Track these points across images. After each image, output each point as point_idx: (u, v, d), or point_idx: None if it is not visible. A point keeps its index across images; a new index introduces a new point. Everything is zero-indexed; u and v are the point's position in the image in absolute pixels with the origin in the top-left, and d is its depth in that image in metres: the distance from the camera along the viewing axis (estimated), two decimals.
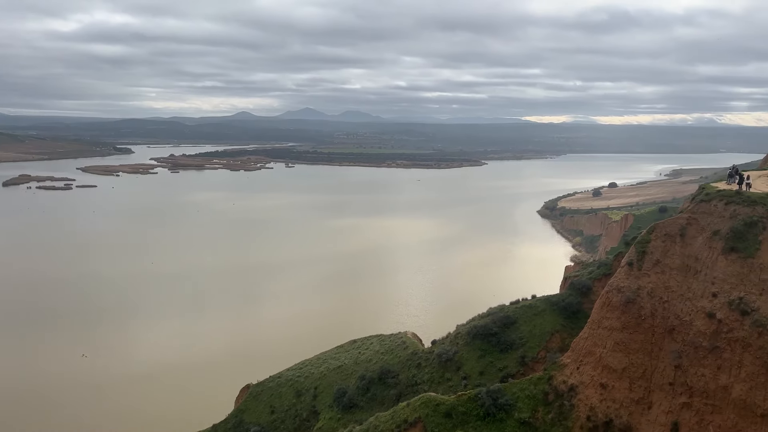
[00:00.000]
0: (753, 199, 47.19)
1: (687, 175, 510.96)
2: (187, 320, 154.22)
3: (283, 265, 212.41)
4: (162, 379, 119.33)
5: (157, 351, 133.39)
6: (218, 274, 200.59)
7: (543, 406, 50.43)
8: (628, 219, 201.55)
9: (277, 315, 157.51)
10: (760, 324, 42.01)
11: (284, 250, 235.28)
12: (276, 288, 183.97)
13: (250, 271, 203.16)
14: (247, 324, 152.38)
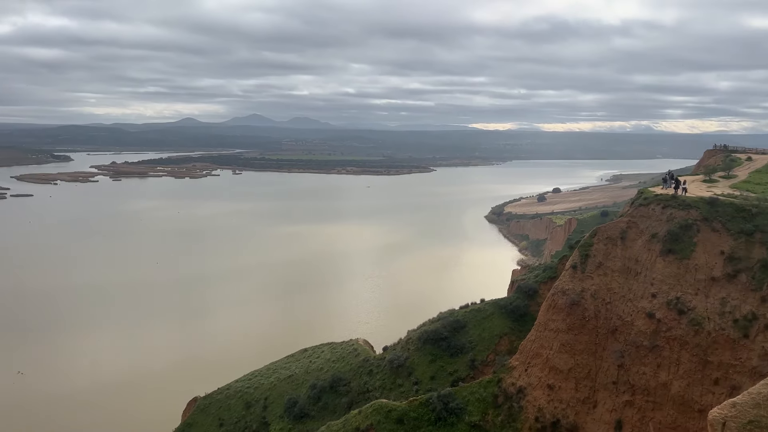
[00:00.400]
0: (688, 202, 49.43)
1: (626, 180, 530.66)
2: (131, 333, 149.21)
3: (230, 274, 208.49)
4: (105, 394, 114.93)
5: (99, 366, 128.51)
6: (162, 284, 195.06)
7: (493, 408, 51.19)
8: (571, 223, 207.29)
9: (225, 325, 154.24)
10: (696, 323, 43.95)
11: (232, 259, 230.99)
12: (223, 298, 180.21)
13: (195, 281, 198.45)
14: (194, 335, 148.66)
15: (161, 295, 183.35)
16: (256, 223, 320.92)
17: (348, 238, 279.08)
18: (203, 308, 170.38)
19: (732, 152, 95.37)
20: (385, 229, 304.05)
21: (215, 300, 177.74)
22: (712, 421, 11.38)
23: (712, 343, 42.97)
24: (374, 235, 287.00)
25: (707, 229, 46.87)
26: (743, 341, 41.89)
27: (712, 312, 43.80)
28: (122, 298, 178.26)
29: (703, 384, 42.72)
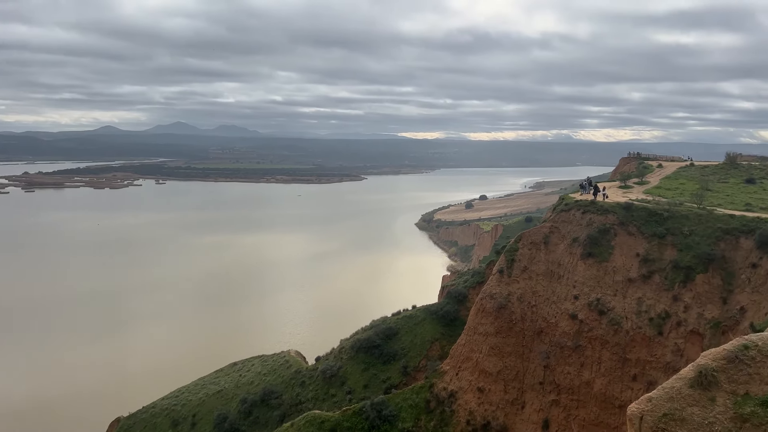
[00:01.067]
0: (606, 208, 51.96)
1: (549, 187, 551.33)
2: (48, 351, 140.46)
3: (153, 286, 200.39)
4: (18, 418, 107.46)
5: (11, 387, 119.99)
6: (81, 299, 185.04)
7: (425, 414, 51.68)
8: (498, 229, 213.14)
9: (148, 341, 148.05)
10: (615, 322, 46.15)
11: (155, 271, 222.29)
12: (146, 311, 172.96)
13: (117, 295, 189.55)
14: (115, 352, 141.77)
15: (78, 310, 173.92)
16: (181, 233, 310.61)
17: (278, 248, 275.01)
18: (124, 323, 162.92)
19: (645, 160, 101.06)
20: (316, 238, 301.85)
21: (137, 314, 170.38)
22: (630, 416, 11.94)
23: (630, 341, 45.26)
24: (305, 244, 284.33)
25: (624, 232, 49.43)
26: (658, 338, 44.37)
27: (629, 311, 46.16)
28: (35, 313, 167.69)
29: (623, 381, 44.88)
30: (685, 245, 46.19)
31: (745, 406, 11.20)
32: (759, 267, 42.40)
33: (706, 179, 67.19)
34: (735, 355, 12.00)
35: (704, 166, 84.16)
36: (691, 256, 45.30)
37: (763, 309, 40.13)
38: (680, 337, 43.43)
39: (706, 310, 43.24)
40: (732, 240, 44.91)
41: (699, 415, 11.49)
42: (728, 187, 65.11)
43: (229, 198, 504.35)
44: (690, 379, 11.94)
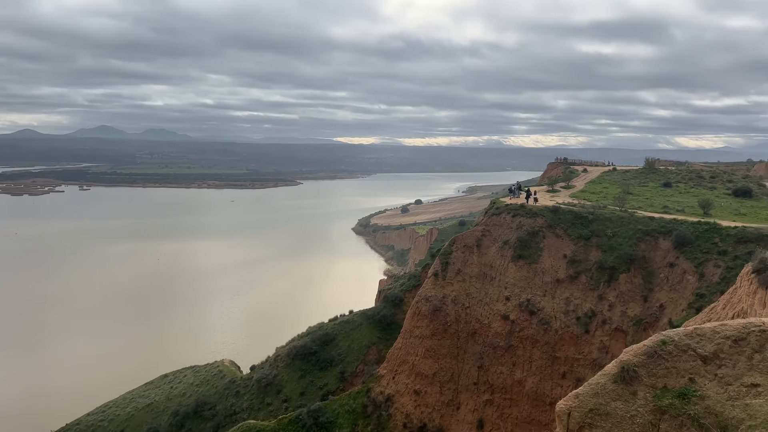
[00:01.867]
0: (534, 211, 53.71)
1: (481, 191, 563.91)
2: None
3: (74, 298, 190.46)
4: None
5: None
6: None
7: (362, 419, 51.63)
8: (433, 233, 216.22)
9: (71, 354, 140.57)
10: (544, 322, 47.71)
11: (77, 282, 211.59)
12: (68, 324, 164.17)
13: (33, 308, 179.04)
14: (36, 367, 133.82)
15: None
16: (106, 241, 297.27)
17: (210, 255, 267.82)
18: (42, 337, 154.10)
19: (571, 164, 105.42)
20: (250, 244, 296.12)
21: (57, 327, 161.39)
22: (558, 412, 12.33)
23: (558, 340, 46.90)
24: (238, 251, 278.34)
25: (552, 235, 51.23)
26: (585, 336, 46.21)
27: (558, 311, 47.85)
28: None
29: (553, 378, 46.43)
30: (608, 246, 48.38)
31: (663, 398, 11.77)
32: (676, 266, 44.95)
33: (627, 183, 70.70)
34: (654, 350, 12.59)
35: (626, 170, 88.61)
36: (614, 257, 47.49)
37: (680, 306, 42.56)
38: (605, 335, 45.40)
39: (629, 308, 45.42)
40: (651, 241, 47.40)
41: (622, 408, 11.99)
42: (648, 190, 68.77)
43: (157, 204, 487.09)
44: (613, 375, 12.46)
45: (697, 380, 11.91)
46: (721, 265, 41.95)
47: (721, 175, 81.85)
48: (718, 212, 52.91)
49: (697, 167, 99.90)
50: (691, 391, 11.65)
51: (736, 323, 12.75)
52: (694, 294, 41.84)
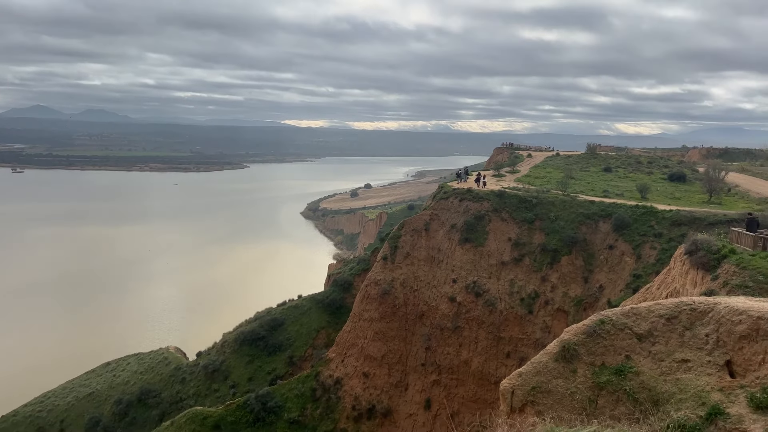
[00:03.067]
0: (481, 195, 54.61)
1: (429, 175, 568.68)
2: None
3: (3, 286, 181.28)
4: None
5: None
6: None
7: (311, 402, 51.73)
8: (382, 217, 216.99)
9: (3, 345, 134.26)
10: (490, 303, 48.80)
11: (4, 268, 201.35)
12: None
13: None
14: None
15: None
16: (39, 226, 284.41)
17: (152, 241, 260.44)
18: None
19: (516, 150, 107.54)
20: (195, 229, 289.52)
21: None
22: (502, 390, 12.67)
23: (503, 320, 48.12)
24: (183, 236, 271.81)
25: (497, 219, 52.27)
26: (528, 317, 47.57)
27: (503, 293, 49.02)
28: None
29: (498, 358, 47.67)
30: (551, 230, 49.78)
31: (601, 375, 12.23)
32: (615, 248, 46.72)
33: (570, 168, 72.72)
34: (593, 329, 13.04)
35: (568, 156, 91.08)
36: (557, 240, 48.92)
37: (618, 286, 44.34)
38: (548, 315, 46.87)
39: (570, 289, 46.99)
40: (592, 224, 49.05)
41: (563, 386, 12.39)
42: (589, 175, 70.96)
43: (97, 187, 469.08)
44: (555, 354, 12.85)
45: (632, 357, 12.46)
46: (657, 246, 43.87)
47: (657, 161, 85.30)
48: (654, 196, 55.18)
49: (635, 153, 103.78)
50: (627, 367, 12.19)
51: (669, 302, 13.37)
52: (632, 275, 43.66)
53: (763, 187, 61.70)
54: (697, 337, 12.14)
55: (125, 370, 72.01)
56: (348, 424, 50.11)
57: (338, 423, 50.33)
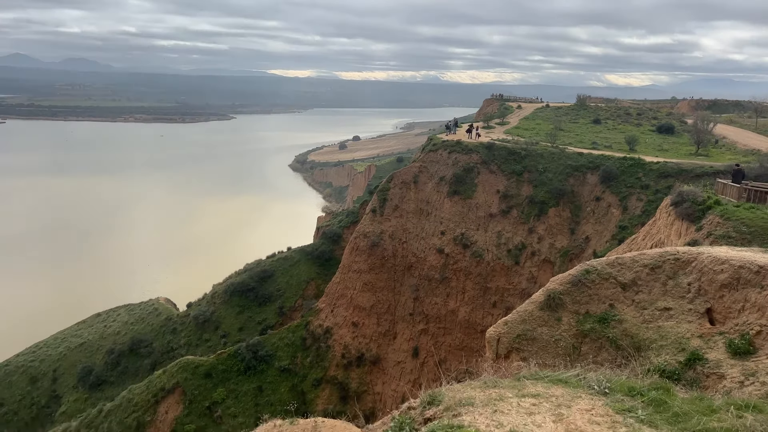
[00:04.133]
0: (470, 148, 54.40)
1: (419, 127, 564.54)
2: None
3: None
4: None
5: None
6: None
7: (302, 351, 52.69)
8: (371, 170, 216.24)
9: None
10: (477, 255, 49.34)
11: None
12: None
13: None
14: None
15: None
16: (24, 178, 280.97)
17: (138, 192, 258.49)
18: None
19: (506, 101, 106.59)
20: (182, 181, 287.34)
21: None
22: (488, 338, 12.94)
23: (490, 271, 48.78)
24: (170, 188, 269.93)
25: (486, 171, 52.27)
26: (515, 268, 48.24)
27: (490, 244, 49.52)
28: None
29: (484, 308, 48.55)
30: (540, 182, 49.94)
31: (585, 323, 12.49)
32: (602, 200, 47.07)
33: (559, 120, 72.42)
34: (578, 279, 13.25)
35: (558, 107, 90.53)
36: (544, 192, 49.14)
37: (604, 237, 44.90)
38: (534, 266, 47.54)
39: (557, 240, 47.53)
40: (580, 176, 49.23)
41: (547, 333, 12.66)
42: (578, 127, 70.77)
43: (80, 139, 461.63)
44: (540, 303, 13.07)
45: (616, 306, 12.73)
46: (644, 198, 44.25)
47: (647, 113, 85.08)
48: (642, 148, 55.28)
49: (625, 105, 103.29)
50: (611, 315, 12.47)
51: (653, 252, 13.58)
52: (618, 226, 44.16)
53: (750, 138, 61.94)
54: (680, 285, 12.39)
55: (116, 321, 72.65)
56: (338, 372, 51.25)
57: (328, 370, 51.45)
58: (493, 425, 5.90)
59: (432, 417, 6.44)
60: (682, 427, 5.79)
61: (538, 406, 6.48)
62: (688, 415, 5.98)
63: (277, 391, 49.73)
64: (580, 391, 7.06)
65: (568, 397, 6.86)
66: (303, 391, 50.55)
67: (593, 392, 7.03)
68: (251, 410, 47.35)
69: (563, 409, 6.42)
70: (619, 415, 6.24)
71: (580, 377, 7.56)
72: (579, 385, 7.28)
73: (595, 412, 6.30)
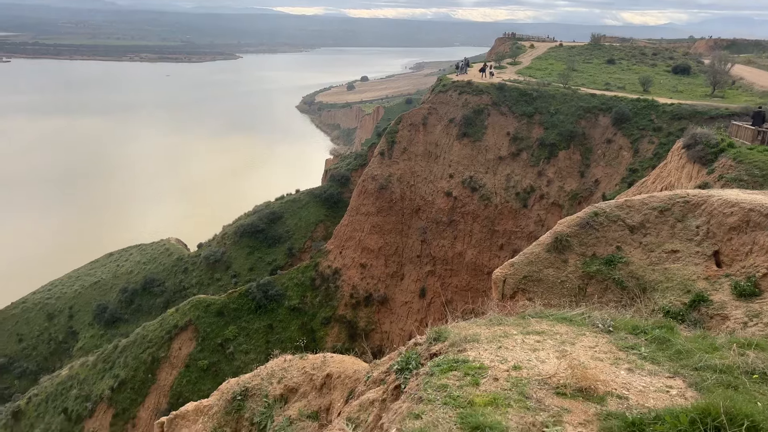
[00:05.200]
0: (480, 88, 53.44)
1: (428, 68, 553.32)
2: None
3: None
4: None
5: None
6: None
7: (311, 291, 53.69)
8: (379, 111, 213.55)
9: (3, 237, 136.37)
10: (485, 198, 49.32)
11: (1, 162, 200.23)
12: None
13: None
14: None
15: None
16: (34, 118, 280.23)
17: (145, 133, 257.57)
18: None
19: (518, 40, 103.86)
20: (188, 122, 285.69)
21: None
22: (495, 279, 13.09)
23: (498, 214, 48.87)
24: (176, 129, 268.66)
25: (496, 113, 51.53)
26: (523, 211, 48.27)
27: (499, 187, 49.40)
28: None
29: (491, 250, 48.93)
30: (550, 123, 49.25)
31: (592, 265, 12.58)
32: (613, 142, 46.50)
33: (572, 60, 70.66)
34: (586, 221, 13.25)
35: (572, 47, 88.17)
36: (555, 134, 48.54)
37: (614, 180, 44.62)
38: (542, 209, 47.54)
39: (566, 183, 47.31)
40: (592, 118, 48.46)
41: (553, 275, 12.78)
42: (592, 67, 69.12)
43: (86, 78, 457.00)
44: (547, 245, 13.14)
45: (623, 248, 12.78)
46: (655, 141, 43.65)
47: (662, 53, 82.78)
48: (656, 89, 54.10)
49: (640, 44, 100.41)
50: (618, 257, 12.53)
51: (663, 195, 13.51)
52: (628, 169, 43.80)
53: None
54: (688, 228, 12.38)
55: (128, 261, 74.04)
56: (346, 311, 52.35)
57: (337, 310, 52.56)
58: (498, 360, 6.04)
59: (438, 352, 6.59)
60: (684, 363, 5.91)
61: (542, 343, 6.62)
62: (691, 353, 6.09)
63: (288, 329, 51.02)
64: (584, 329, 7.19)
65: (573, 334, 6.99)
66: (312, 329, 51.82)
67: (597, 330, 7.16)
68: (262, 347, 48.75)
69: (567, 345, 6.55)
70: (622, 352, 6.37)
71: (584, 316, 7.67)
72: (583, 324, 7.40)
73: (598, 349, 6.43)
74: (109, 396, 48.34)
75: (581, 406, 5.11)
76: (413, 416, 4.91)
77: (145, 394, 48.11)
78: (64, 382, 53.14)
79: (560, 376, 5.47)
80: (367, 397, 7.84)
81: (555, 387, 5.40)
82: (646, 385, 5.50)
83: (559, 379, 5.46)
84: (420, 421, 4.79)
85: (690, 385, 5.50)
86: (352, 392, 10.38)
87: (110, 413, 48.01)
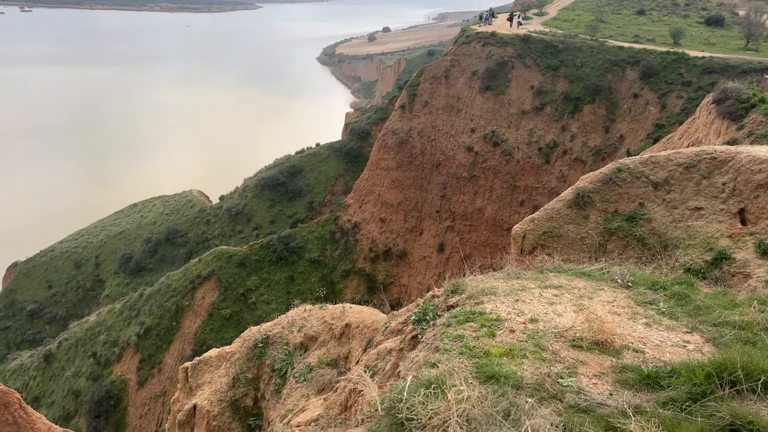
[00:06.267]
0: (505, 40, 52.10)
1: (452, 18, 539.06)
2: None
3: (20, 133, 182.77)
4: None
5: None
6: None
7: (331, 244, 54.24)
8: (400, 63, 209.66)
9: (30, 188, 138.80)
10: (507, 153, 48.77)
11: (20, 116, 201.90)
12: (20, 159, 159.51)
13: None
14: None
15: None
16: (55, 70, 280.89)
17: (166, 85, 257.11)
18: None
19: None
20: (208, 74, 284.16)
21: (11, 162, 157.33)
22: (514, 234, 13.06)
23: (520, 170, 48.39)
24: (196, 81, 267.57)
25: (520, 65, 50.35)
26: (545, 166, 47.71)
27: (521, 142, 48.73)
28: None
29: (512, 206, 48.68)
30: (576, 77, 48.05)
31: (613, 221, 12.47)
32: (640, 97, 45.32)
33: (600, 11, 68.30)
34: (609, 177, 13.07)
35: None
36: (581, 88, 47.41)
37: (639, 136, 43.71)
38: (565, 165, 46.92)
39: (590, 138, 46.48)
40: (619, 71, 47.15)
41: (573, 231, 12.71)
42: (620, 18, 66.79)
43: (109, 28, 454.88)
44: (568, 201, 13.02)
45: (646, 205, 12.61)
46: (684, 96, 42.45)
47: (695, 3, 79.48)
48: (688, 42, 52.22)
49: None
50: (640, 214, 12.39)
51: (689, 151, 13.21)
52: (654, 125, 42.81)
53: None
54: (714, 185, 12.14)
55: (152, 212, 75.23)
56: (365, 264, 52.89)
57: (356, 263, 53.12)
58: (515, 313, 6.09)
59: (455, 304, 6.66)
60: (703, 319, 5.89)
61: (560, 297, 6.64)
62: (710, 309, 6.07)
63: (308, 281, 51.83)
64: (602, 284, 7.18)
65: (591, 289, 6.99)
66: (332, 282, 52.57)
67: (616, 285, 7.15)
68: (283, 297, 49.69)
69: (585, 300, 6.56)
70: (641, 307, 6.36)
71: (603, 271, 7.65)
72: (602, 279, 7.39)
73: (616, 304, 6.43)
74: (136, 342, 49.98)
75: (597, 358, 5.15)
76: (429, 365, 5.01)
77: (170, 340, 49.64)
78: (92, 328, 55.00)
79: (577, 329, 5.50)
80: (385, 347, 7.99)
81: (571, 340, 5.44)
82: (663, 340, 5.52)
83: (575, 332, 5.49)
84: (436, 369, 4.88)
85: (707, 340, 5.50)
86: (370, 341, 10.59)
87: (137, 358, 49.75)
